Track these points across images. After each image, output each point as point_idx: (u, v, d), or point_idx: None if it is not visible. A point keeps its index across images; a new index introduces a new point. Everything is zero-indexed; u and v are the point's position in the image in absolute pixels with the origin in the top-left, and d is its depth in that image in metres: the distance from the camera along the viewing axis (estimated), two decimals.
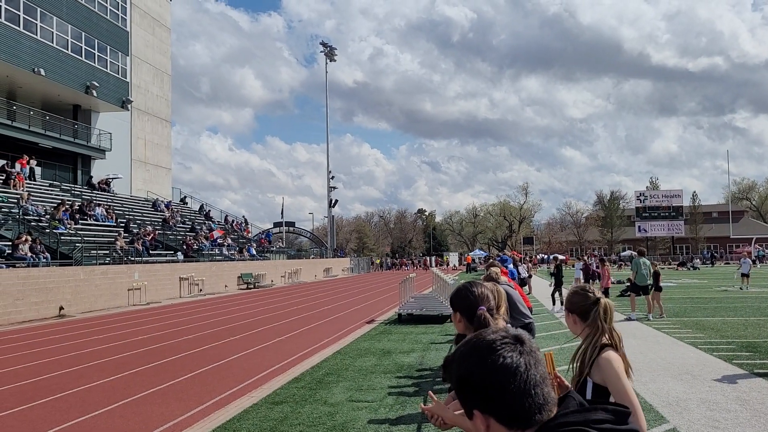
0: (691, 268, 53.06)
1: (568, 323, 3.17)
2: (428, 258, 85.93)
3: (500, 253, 43.72)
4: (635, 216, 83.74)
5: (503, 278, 8.06)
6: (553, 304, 19.85)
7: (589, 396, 2.87)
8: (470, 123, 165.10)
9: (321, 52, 67.83)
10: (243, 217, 52.71)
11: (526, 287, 23.65)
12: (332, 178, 68.07)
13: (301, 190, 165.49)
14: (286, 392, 8.70)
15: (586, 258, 27.21)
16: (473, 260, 65.61)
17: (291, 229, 71.75)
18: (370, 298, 27.05)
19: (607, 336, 2.94)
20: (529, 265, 28.66)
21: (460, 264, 78.98)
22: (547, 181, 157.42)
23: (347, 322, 17.87)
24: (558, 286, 20.24)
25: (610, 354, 2.87)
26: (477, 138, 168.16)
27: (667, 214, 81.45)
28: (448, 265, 78.80)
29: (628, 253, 74.44)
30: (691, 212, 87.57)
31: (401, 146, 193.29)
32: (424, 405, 2.57)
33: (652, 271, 17.01)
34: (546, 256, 63.35)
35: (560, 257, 24.42)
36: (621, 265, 60.81)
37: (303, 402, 8.09)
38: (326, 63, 67.82)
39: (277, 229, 66.72)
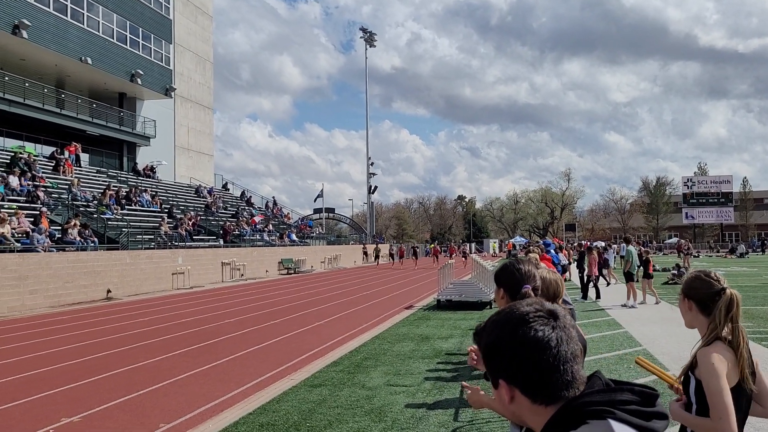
0: (741, 256, 51.54)
1: (681, 309, 2.82)
2: (467, 245, 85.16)
3: (540, 240, 43.14)
4: (682, 202, 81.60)
5: (543, 264, 7.92)
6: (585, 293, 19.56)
7: (692, 395, 2.61)
8: (510, 108, 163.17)
9: (360, 37, 67.68)
10: (272, 198, 53.23)
11: (567, 274, 23.41)
12: (371, 164, 68.15)
13: (340, 176, 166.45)
14: (324, 375, 8.78)
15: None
16: (514, 247, 65.00)
17: (330, 215, 72.17)
18: (408, 284, 27.07)
19: (727, 331, 2.60)
20: (571, 252, 28.21)
21: (500, 250, 78.31)
22: (590, 167, 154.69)
23: (386, 307, 17.92)
24: (581, 273, 20.27)
25: (714, 347, 2.56)
26: (517, 123, 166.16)
27: (716, 200, 79.12)
28: (488, 252, 78.03)
29: (674, 240, 72.69)
30: (741, 198, 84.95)
31: (440, 132, 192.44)
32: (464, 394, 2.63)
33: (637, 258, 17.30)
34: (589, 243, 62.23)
35: (583, 243, 24.21)
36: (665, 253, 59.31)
37: (341, 385, 8.15)
38: (366, 48, 67.65)
39: (317, 215, 67.21)
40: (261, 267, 34.51)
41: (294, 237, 43.87)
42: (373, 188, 67.85)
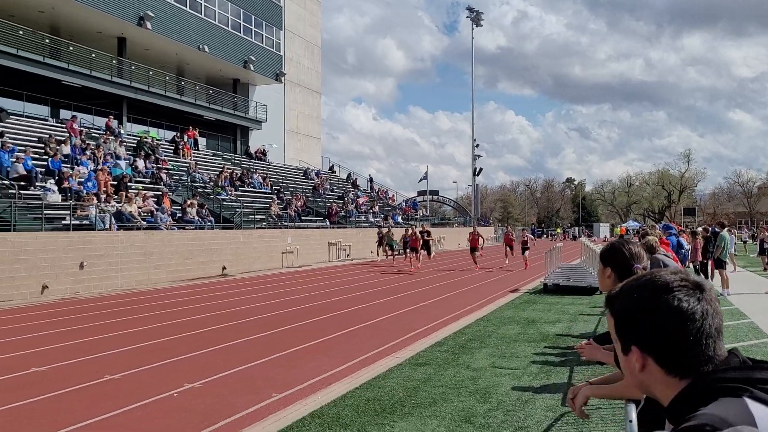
0: None
1: None
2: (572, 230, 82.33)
3: (655, 224, 40.88)
4: None
5: (661, 249, 7.50)
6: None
7: None
8: (623, 86, 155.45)
9: (467, 17, 66.54)
10: (369, 176, 53.84)
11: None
12: (476, 146, 67.21)
13: (443, 158, 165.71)
14: (429, 355, 8.82)
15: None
16: (627, 231, 62.25)
17: (435, 197, 72.09)
18: (514, 267, 26.58)
19: None
20: (689, 237, 26.40)
21: (612, 235, 75.24)
22: (712, 147, 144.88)
23: (491, 290, 17.72)
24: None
25: None
26: (631, 102, 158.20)
27: None
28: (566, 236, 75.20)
29: None
30: None
31: (547, 113, 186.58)
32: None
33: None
34: (711, 228, 58.30)
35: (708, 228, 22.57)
36: None
37: (446, 365, 8.16)
38: (472, 28, 66.42)
39: (421, 198, 67.34)
40: (366, 248, 35.10)
41: (399, 219, 44.25)
42: (478, 170, 66.96)
